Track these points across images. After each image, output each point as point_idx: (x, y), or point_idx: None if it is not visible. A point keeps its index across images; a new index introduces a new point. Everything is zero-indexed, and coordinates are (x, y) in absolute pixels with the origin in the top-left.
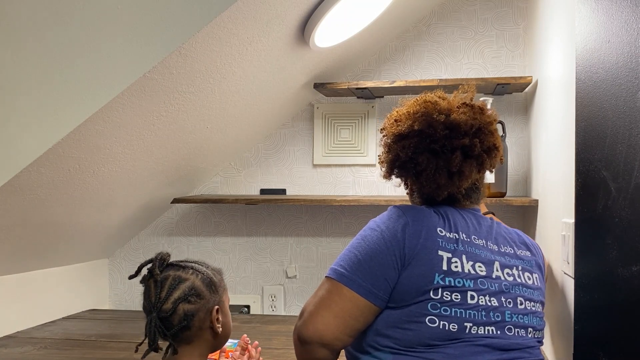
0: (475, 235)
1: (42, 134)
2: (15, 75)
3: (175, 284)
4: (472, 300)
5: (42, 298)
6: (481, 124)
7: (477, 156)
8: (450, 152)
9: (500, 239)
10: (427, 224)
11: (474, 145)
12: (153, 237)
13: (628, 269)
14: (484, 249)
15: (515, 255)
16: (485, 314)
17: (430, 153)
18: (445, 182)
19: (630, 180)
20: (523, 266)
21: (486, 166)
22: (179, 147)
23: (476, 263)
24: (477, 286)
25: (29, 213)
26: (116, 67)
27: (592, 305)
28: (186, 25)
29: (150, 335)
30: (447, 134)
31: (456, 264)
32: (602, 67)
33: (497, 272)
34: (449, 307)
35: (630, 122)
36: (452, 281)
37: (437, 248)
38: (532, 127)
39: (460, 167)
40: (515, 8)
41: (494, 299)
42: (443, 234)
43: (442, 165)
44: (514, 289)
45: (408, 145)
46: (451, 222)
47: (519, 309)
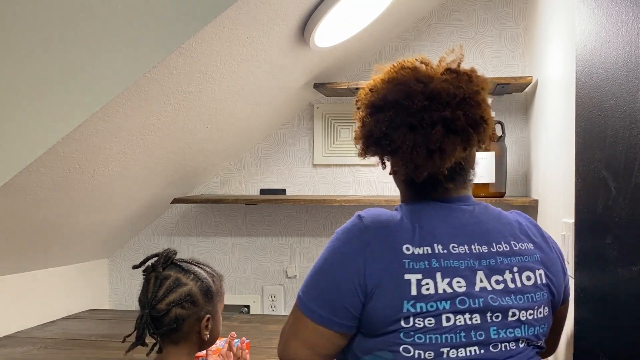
0: (454, 243)
1: (42, 134)
2: (15, 75)
3: (173, 287)
4: (448, 322)
5: (42, 298)
6: (466, 93)
7: (462, 131)
8: (430, 127)
9: (492, 236)
10: (391, 242)
11: (457, 118)
12: (153, 237)
13: (628, 269)
14: (465, 257)
15: (511, 252)
16: (464, 335)
17: (407, 128)
18: (424, 161)
19: (630, 180)
20: (521, 264)
21: (473, 142)
22: (179, 147)
23: (454, 279)
24: (455, 307)
25: (29, 213)
26: (116, 67)
27: (592, 305)
28: (186, 25)
29: (139, 330)
30: (426, 106)
31: (428, 285)
32: (602, 67)
33: (481, 284)
34: (422, 334)
35: (630, 122)
36: (424, 306)
37: (403, 272)
38: (532, 127)
39: (441, 144)
40: (515, 8)
41: (476, 316)
42: (410, 252)
43: (420, 142)
44: (504, 299)
45: (382, 119)
46: (424, 232)
47: (509, 322)
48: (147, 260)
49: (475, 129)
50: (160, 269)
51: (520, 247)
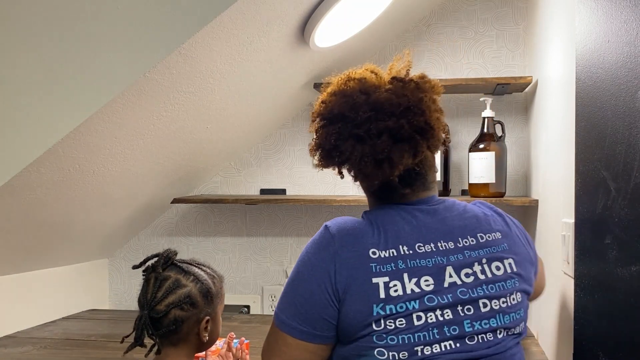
0: (420, 242)
1: (42, 134)
2: (15, 75)
3: (173, 288)
4: (420, 321)
5: (42, 298)
6: (410, 101)
7: (408, 138)
8: (376, 137)
9: (457, 232)
10: (358, 248)
11: (401, 127)
12: (153, 237)
13: (627, 269)
14: (432, 255)
15: (478, 244)
16: (438, 331)
17: (354, 139)
18: (373, 170)
19: (629, 180)
20: (490, 255)
21: (421, 149)
22: (179, 147)
23: (421, 278)
24: (424, 305)
25: (29, 213)
26: (116, 67)
27: (592, 305)
28: (186, 25)
29: (138, 331)
30: (370, 116)
31: (396, 287)
32: (602, 67)
33: (450, 279)
34: (395, 336)
35: (629, 122)
36: (394, 308)
37: (370, 276)
38: (532, 127)
39: (389, 153)
40: (515, 8)
41: (447, 311)
42: (377, 256)
43: (368, 152)
44: (474, 291)
45: (331, 131)
46: (388, 236)
47: (482, 313)
48: (147, 260)
49: (422, 135)
50: (160, 270)
51: (487, 238)
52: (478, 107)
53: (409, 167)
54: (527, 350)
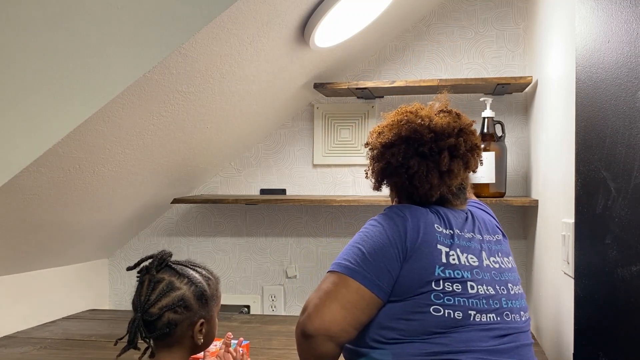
0: (465, 230)
1: (42, 134)
2: (15, 75)
3: (166, 291)
4: (472, 290)
5: (42, 298)
6: (462, 125)
7: (463, 155)
8: (438, 154)
9: (482, 229)
10: (424, 220)
11: (459, 145)
12: (153, 237)
13: (628, 269)
14: (473, 241)
15: (495, 241)
16: (485, 302)
17: (419, 157)
18: (438, 181)
19: (630, 181)
20: (502, 251)
21: (471, 165)
22: (179, 147)
23: (469, 255)
24: (474, 276)
25: (29, 213)
26: (116, 67)
27: (592, 305)
28: (186, 25)
29: (131, 333)
30: (432, 137)
31: (454, 256)
32: (602, 67)
33: (486, 262)
34: (452, 297)
35: (630, 122)
36: (452, 273)
37: (435, 242)
38: (532, 127)
39: (449, 166)
40: (515, 8)
41: (490, 287)
42: (440, 230)
43: (433, 166)
44: (502, 275)
45: (397, 152)
46: (445, 219)
47: (511, 295)
48: (141, 262)
49: (472, 153)
50: (153, 272)
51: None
52: (478, 107)
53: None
54: None
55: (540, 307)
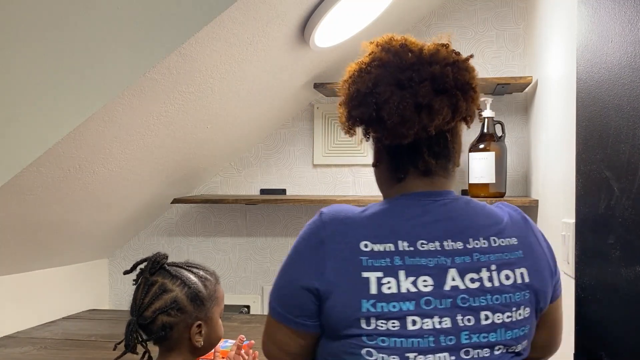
0: (424, 239)
1: (42, 134)
2: (15, 75)
3: (159, 294)
4: (414, 326)
5: (42, 298)
6: (458, 58)
7: (450, 92)
8: (418, 83)
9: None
10: (348, 239)
11: (446, 75)
12: (153, 237)
13: (632, 269)
14: (435, 254)
15: (490, 248)
16: (433, 340)
17: (395, 85)
18: (412, 115)
19: (634, 181)
20: (501, 262)
21: (461, 109)
22: (179, 147)
23: (419, 278)
24: (420, 308)
25: (29, 213)
26: (116, 67)
27: (594, 305)
28: (186, 25)
29: (128, 337)
30: (415, 62)
31: (389, 284)
32: (604, 67)
33: (452, 282)
34: (386, 338)
35: (634, 122)
36: (386, 306)
37: (359, 269)
38: (532, 127)
39: (430, 101)
40: (515, 8)
41: (446, 319)
42: (369, 249)
43: (408, 97)
44: (477, 300)
45: (369, 77)
46: (387, 229)
47: (482, 326)
48: (137, 265)
49: (463, 92)
50: (147, 275)
51: (501, 243)
52: None
53: (443, 130)
54: None
55: None
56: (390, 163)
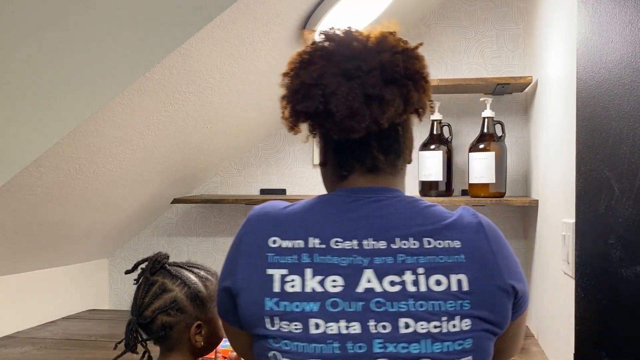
0: (339, 237)
1: (42, 134)
2: (15, 75)
3: (159, 293)
4: (317, 329)
5: (42, 298)
6: (407, 46)
7: (400, 81)
8: (367, 73)
9: (398, 230)
10: (259, 235)
11: (395, 64)
12: (153, 237)
13: (632, 270)
14: (350, 253)
15: (420, 250)
16: (339, 346)
17: (342, 76)
18: (361, 107)
19: (634, 181)
20: (431, 265)
21: (412, 100)
22: (179, 147)
23: (328, 277)
24: (325, 310)
25: (29, 213)
26: (116, 67)
27: (594, 305)
28: (186, 25)
29: (127, 336)
30: (362, 50)
31: (293, 282)
32: (605, 67)
33: (367, 284)
34: (289, 341)
35: (634, 122)
36: (289, 306)
37: (265, 266)
38: (532, 127)
39: (380, 91)
40: (515, 8)
41: (355, 323)
42: (277, 245)
43: (357, 87)
44: (395, 305)
45: (313, 69)
46: (299, 225)
47: (400, 334)
48: (138, 264)
49: (415, 82)
50: (148, 274)
51: (437, 245)
52: (478, 107)
53: (395, 123)
54: (527, 351)
55: (540, 307)
56: (335, 160)
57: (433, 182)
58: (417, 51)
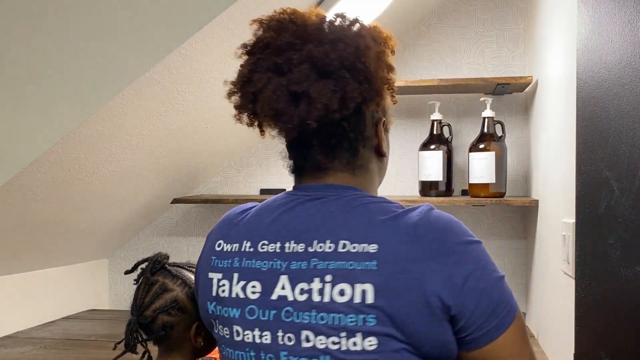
0: (266, 240)
1: (42, 134)
2: (15, 75)
3: (159, 293)
4: (238, 337)
5: (42, 298)
6: (345, 33)
7: (335, 74)
8: (297, 67)
9: (320, 232)
10: (213, 237)
11: (325, 56)
12: (153, 237)
13: (632, 269)
14: (272, 257)
15: (334, 253)
16: (254, 355)
17: (273, 71)
18: (286, 106)
19: (634, 181)
20: (341, 272)
21: (352, 93)
22: (179, 147)
23: (250, 283)
24: (244, 317)
25: (29, 213)
26: (116, 67)
27: (594, 305)
28: (186, 25)
29: (127, 336)
30: (295, 41)
31: (224, 287)
32: (605, 67)
33: (281, 291)
34: (224, 345)
35: (634, 122)
36: (221, 310)
37: (208, 269)
38: (532, 127)
39: (308, 87)
40: (515, 8)
41: (266, 334)
42: (220, 249)
43: (284, 85)
44: (300, 316)
45: (248, 62)
46: (241, 227)
47: (302, 348)
48: (138, 264)
49: (352, 73)
50: (148, 274)
51: (351, 249)
52: (478, 107)
53: (335, 119)
54: None
55: (540, 307)
56: (290, 158)
57: (433, 182)
58: (357, 32)
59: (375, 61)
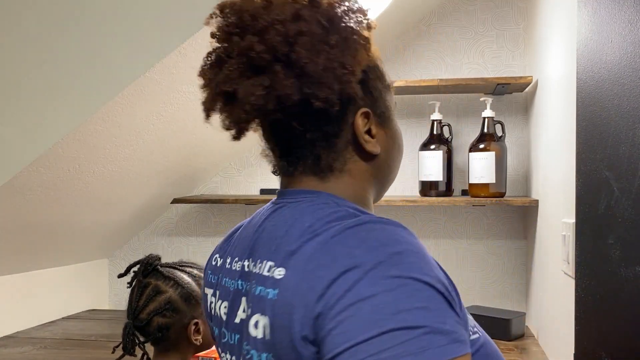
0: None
1: (42, 134)
2: (15, 75)
3: (152, 296)
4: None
5: (42, 298)
6: (284, 14)
7: (268, 69)
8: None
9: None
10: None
11: (250, 48)
12: (153, 237)
13: (632, 269)
14: (236, 275)
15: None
16: None
17: (216, 67)
18: (209, 106)
19: (634, 181)
20: (254, 300)
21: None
22: (179, 147)
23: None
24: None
25: (29, 213)
26: (116, 67)
27: (594, 305)
28: (186, 25)
29: (124, 340)
30: (235, 31)
31: (212, 304)
32: (605, 67)
33: (242, 314)
34: None
35: (633, 122)
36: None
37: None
38: (532, 127)
39: (236, 84)
40: (515, 8)
41: (233, 357)
42: (215, 264)
43: (215, 83)
44: (243, 342)
45: (206, 56)
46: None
47: None
48: (130, 267)
49: (286, 65)
50: (140, 277)
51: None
52: (478, 107)
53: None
54: (527, 350)
55: (540, 307)
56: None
57: (433, 182)
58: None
59: (316, 47)
